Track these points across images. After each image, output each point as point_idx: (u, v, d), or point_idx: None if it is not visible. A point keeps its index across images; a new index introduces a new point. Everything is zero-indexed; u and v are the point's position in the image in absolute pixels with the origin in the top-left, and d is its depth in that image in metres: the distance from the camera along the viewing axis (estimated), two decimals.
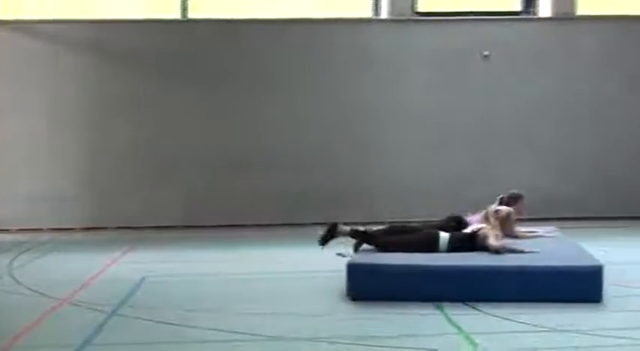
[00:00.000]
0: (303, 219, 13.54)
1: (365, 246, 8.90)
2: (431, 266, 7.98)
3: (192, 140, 13.91)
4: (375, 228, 9.20)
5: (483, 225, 8.74)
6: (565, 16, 14.10)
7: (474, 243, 8.53)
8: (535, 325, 6.97)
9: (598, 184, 13.95)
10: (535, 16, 14.30)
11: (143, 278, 9.29)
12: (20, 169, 13.87)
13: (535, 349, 6.37)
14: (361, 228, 9.02)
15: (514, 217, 9.21)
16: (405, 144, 13.99)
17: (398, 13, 14.13)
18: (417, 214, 13.62)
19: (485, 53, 14.02)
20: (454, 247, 8.49)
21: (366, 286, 7.92)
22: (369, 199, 13.88)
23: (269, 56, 13.93)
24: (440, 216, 9.45)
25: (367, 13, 14.32)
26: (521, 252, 8.36)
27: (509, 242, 8.68)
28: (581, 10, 14.19)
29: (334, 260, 10.40)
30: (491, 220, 8.80)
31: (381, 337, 6.75)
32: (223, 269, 10.09)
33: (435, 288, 7.78)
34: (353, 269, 8.02)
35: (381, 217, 13.56)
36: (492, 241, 8.42)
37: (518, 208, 9.43)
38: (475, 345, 6.45)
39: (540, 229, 9.71)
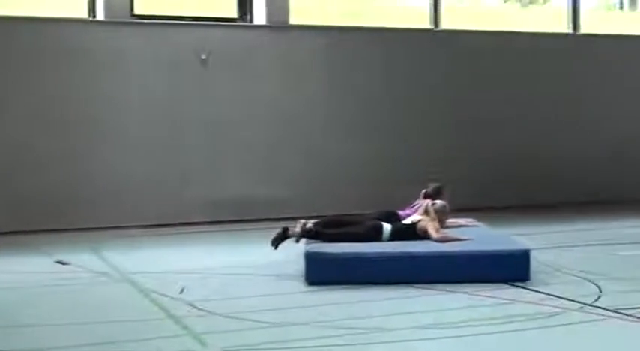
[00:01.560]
0: (33, 226, 12.91)
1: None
2: (379, 253, 8.76)
3: None
4: (312, 221, 9.65)
5: (422, 217, 9.55)
6: (279, 24, 14.69)
7: (414, 233, 9.32)
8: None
9: (304, 185, 14.64)
10: (250, 24, 14.75)
11: None
12: None
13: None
14: (308, 226, 9.44)
15: (448, 209, 9.89)
16: (124, 147, 13.85)
17: (114, 15, 13.94)
18: (144, 218, 13.60)
19: (203, 57, 14.24)
20: (395, 237, 9.27)
21: (322, 273, 8.63)
22: (91, 203, 13.57)
23: None
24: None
25: (83, 13, 13.98)
26: (457, 240, 9.20)
27: (445, 232, 9.49)
28: (294, 19, 14.85)
29: (61, 268, 10.13)
30: (431, 212, 9.60)
31: (121, 341, 6.77)
32: None
33: (382, 272, 8.58)
34: (311, 257, 8.73)
35: (103, 221, 13.41)
36: (433, 232, 9.27)
37: (445, 199, 10.08)
38: (204, 344, 6.65)
39: (461, 220, 10.47)
